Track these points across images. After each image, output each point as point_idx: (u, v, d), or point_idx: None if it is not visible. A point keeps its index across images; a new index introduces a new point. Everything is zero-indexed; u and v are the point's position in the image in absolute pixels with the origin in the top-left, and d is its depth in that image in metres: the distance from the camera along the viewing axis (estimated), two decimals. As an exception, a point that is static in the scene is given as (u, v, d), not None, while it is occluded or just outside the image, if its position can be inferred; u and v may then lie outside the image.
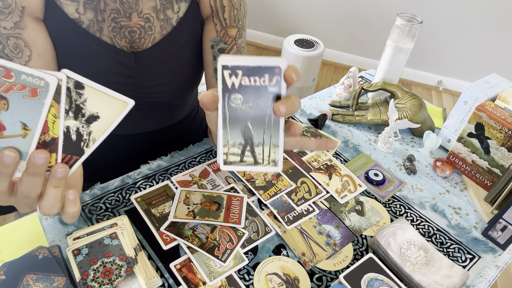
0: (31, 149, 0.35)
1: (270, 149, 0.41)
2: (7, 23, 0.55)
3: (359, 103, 0.93)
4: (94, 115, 0.37)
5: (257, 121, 0.39)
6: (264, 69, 0.37)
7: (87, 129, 0.37)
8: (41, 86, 0.33)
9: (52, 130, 0.35)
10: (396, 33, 0.89)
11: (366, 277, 0.55)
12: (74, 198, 0.39)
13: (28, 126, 0.34)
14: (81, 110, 0.36)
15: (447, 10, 2.41)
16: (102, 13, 0.59)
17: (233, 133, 0.40)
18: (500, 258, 0.64)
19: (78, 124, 0.37)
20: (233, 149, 0.41)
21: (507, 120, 0.70)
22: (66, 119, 0.36)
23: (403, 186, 0.75)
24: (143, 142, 0.80)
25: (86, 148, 0.38)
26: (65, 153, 0.37)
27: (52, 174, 0.36)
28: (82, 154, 0.38)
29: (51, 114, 0.35)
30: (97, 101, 0.36)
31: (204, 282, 0.54)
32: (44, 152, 0.35)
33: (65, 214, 0.39)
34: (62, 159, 0.37)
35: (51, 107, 0.34)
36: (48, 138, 0.36)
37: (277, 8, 2.80)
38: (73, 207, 0.39)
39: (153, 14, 0.62)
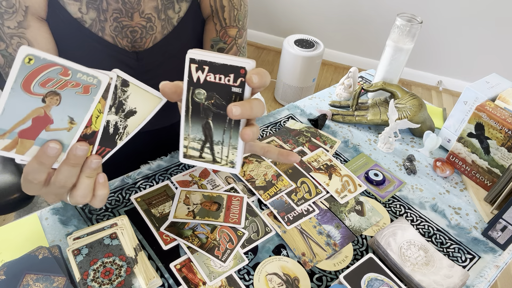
0: (72, 142, 0.37)
1: (229, 150, 0.41)
2: (11, 23, 0.55)
3: (359, 103, 0.94)
4: (132, 110, 0.39)
5: (218, 119, 0.39)
6: (230, 68, 0.37)
7: (124, 123, 0.39)
8: (94, 83, 0.35)
9: (94, 124, 0.37)
10: (396, 33, 0.89)
11: (366, 277, 0.55)
12: (104, 181, 0.40)
13: (75, 120, 0.36)
14: (122, 105, 0.38)
15: (447, 10, 2.41)
16: (104, 12, 0.59)
17: (194, 128, 0.40)
18: (500, 258, 0.64)
19: (117, 118, 0.39)
20: (193, 144, 0.41)
21: (507, 120, 0.70)
22: (108, 114, 0.38)
23: (403, 186, 0.75)
24: (143, 141, 0.80)
25: (119, 140, 0.40)
26: (100, 145, 0.39)
27: (87, 164, 0.38)
28: (114, 146, 0.40)
29: (96, 109, 0.36)
30: (137, 97, 0.38)
31: (204, 282, 0.54)
32: (85, 145, 0.36)
33: (95, 198, 0.40)
34: (97, 150, 0.39)
35: (98, 103, 0.36)
36: (89, 131, 0.37)
37: (277, 8, 2.80)
38: (103, 190, 0.40)
39: (155, 14, 0.62)
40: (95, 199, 0.41)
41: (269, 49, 2.94)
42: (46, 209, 0.62)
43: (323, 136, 0.84)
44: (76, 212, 0.62)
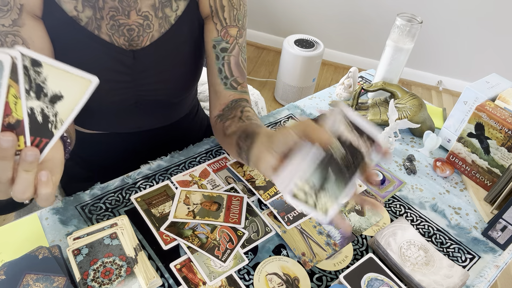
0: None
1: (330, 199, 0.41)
2: (5, 21, 0.55)
3: (359, 103, 0.93)
4: (57, 95, 0.36)
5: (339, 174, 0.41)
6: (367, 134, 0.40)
7: (52, 109, 0.36)
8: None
9: (15, 111, 0.34)
10: (396, 33, 0.89)
11: (366, 277, 0.55)
12: (47, 180, 0.38)
13: None
14: (42, 89, 0.35)
15: (447, 10, 2.41)
16: (100, 10, 0.59)
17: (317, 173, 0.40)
18: (500, 258, 0.64)
19: (41, 104, 0.35)
20: (305, 186, 0.41)
21: (507, 120, 0.70)
22: (29, 100, 0.35)
23: (403, 186, 0.75)
24: (143, 141, 0.80)
25: (54, 130, 0.37)
26: (34, 135, 0.36)
27: (22, 158, 0.36)
28: (51, 136, 0.37)
29: (11, 95, 0.33)
30: (58, 79, 0.35)
31: (204, 282, 0.54)
32: (10, 135, 0.34)
33: (38, 197, 0.38)
34: (32, 142, 0.36)
35: (10, 88, 0.33)
36: (13, 120, 0.35)
37: (277, 8, 2.80)
38: (45, 188, 0.38)
39: (152, 12, 0.62)
40: (39, 198, 0.39)
41: (269, 49, 2.94)
42: (46, 209, 0.62)
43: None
44: (76, 212, 0.62)
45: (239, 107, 0.66)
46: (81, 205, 0.63)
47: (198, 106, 0.93)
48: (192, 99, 0.86)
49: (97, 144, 0.78)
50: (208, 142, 0.79)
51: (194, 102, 0.89)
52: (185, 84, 0.74)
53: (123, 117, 0.74)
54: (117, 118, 0.74)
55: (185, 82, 0.74)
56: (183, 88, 0.75)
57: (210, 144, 0.79)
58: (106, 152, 0.80)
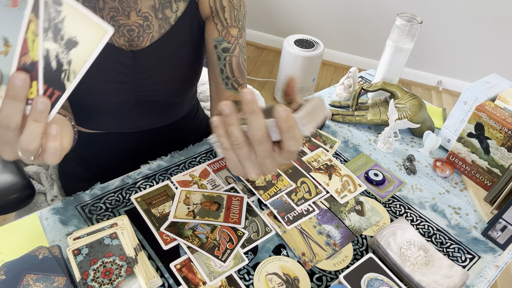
0: (12, 70, 0.34)
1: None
2: None
3: (359, 103, 0.94)
4: (72, 40, 0.35)
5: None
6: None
7: (66, 56, 0.36)
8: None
9: (32, 51, 0.34)
10: (396, 33, 0.89)
11: (366, 277, 0.55)
12: (56, 133, 0.37)
13: (9, 41, 0.33)
14: (60, 31, 0.35)
15: (447, 10, 2.41)
16: (101, 11, 0.59)
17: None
18: (500, 258, 0.64)
19: (57, 48, 0.35)
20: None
21: (507, 120, 0.70)
22: (45, 40, 0.34)
23: (403, 186, 0.75)
24: (143, 140, 0.80)
25: (67, 81, 0.36)
26: (47, 84, 0.36)
27: (33, 106, 0.35)
28: (64, 89, 0.37)
29: (30, 30, 0.33)
30: (75, 22, 0.35)
31: (204, 282, 0.54)
32: (23, 74, 0.34)
33: (46, 150, 0.38)
34: (45, 92, 0.36)
35: (30, 22, 0.33)
36: (28, 61, 0.34)
37: (277, 8, 2.80)
38: (54, 142, 0.37)
39: (152, 13, 0.62)
40: (46, 152, 0.38)
41: (269, 49, 2.94)
42: (46, 209, 0.62)
43: (323, 136, 0.84)
44: (76, 212, 0.62)
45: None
46: (81, 205, 0.63)
47: (198, 106, 0.93)
48: (191, 99, 0.86)
49: (97, 144, 0.78)
50: (208, 142, 0.79)
51: (194, 102, 0.89)
52: (185, 84, 0.74)
53: (123, 117, 0.74)
54: (117, 118, 0.74)
55: (185, 83, 0.74)
56: (183, 89, 0.75)
57: (210, 144, 0.79)
58: (106, 152, 0.80)
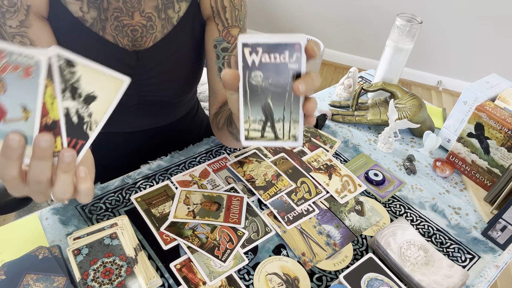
0: (35, 133, 0.35)
1: (291, 125, 0.41)
2: (13, 22, 0.55)
3: (359, 103, 0.94)
4: (90, 95, 0.37)
5: (277, 97, 0.40)
6: (284, 46, 0.37)
7: (86, 110, 0.37)
8: (32, 65, 0.33)
9: (52, 112, 0.36)
10: (396, 33, 0.89)
11: (366, 277, 0.55)
12: (85, 175, 0.39)
13: (28, 108, 0.35)
14: (76, 90, 0.36)
15: (447, 10, 2.41)
16: (105, 11, 0.59)
17: (254, 110, 0.40)
18: (500, 258, 0.64)
19: (76, 105, 0.37)
20: (254, 125, 0.41)
21: (507, 120, 0.70)
22: (64, 100, 0.36)
23: (403, 186, 0.75)
24: (143, 140, 0.80)
25: (89, 131, 0.38)
26: (70, 136, 0.37)
27: (60, 159, 0.37)
28: (87, 138, 0.38)
29: (48, 95, 0.35)
30: (91, 79, 0.36)
31: (204, 282, 0.54)
32: (47, 135, 0.35)
33: (79, 193, 0.40)
34: (68, 143, 0.38)
35: (47, 88, 0.34)
36: (50, 121, 0.36)
37: (277, 8, 2.80)
38: (85, 184, 0.39)
39: (155, 13, 0.62)
40: (79, 194, 0.40)
41: (269, 49, 2.94)
42: (46, 209, 0.62)
43: (323, 136, 0.84)
44: (76, 212, 0.62)
45: None
46: (81, 205, 0.63)
47: (198, 106, 0.93)
48: (192, 99, 0.86)
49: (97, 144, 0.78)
50: (208, 142, 0.79)
51: (194, 102, 0.89)
52: (187, 84, 0.74)
53: (123, 117, 0.74)
54: (118, 118, 0.74)
55: (187, 83, 0.74)
56: (185, 88, 0.75)
57: (210, 144, 0.79)
58: (106, 151, 0.80)
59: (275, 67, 0.38)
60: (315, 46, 0.37)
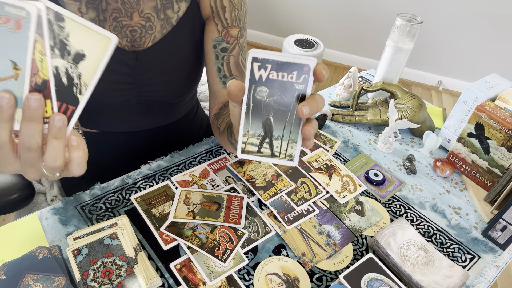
0: (24, 93, 0.35)
1: (288, 144, 0.41)
2: None
3: (359, 103, 0.93)
4: (79, 53, 0.36)
5: (279, 115, 0.40)
6: (293, 66, 0.38)
7: (76, 70, 0.36)
8: (23, 16, 0.32)
9: (41, 70, 0.35)
10: (396, 33, 0.89)
11: (366, 277, 0.55)
12: (77, 143, 0.39)
13: (18, 65, 0.34)
14: (66, 46, 0.35)
15: (447, 10, 2.41)
16: (104, 12, 0.59)
17: (254, 124, 0.41)
18: (500, 258, 0.64)
19: (65, 64, 0.36)
20: (252, 139, 0.41)
21: (507, 120, 0.70)
22: (53, 58, 0.35)
23: (403, 186, 0.75)
24: (143, 140, 0.80)
25: (79, 95, 0.37)
26: (60, 100, 0.37)
27: (50, 124, 0.36)
28: (77, 103, 0.37)
29: (37, 51, 0.34)
30: (80, 36, 0.35)
31: (204, 282, 0.54)
32: (37, 94, 0.35)
33: (71, 162, 0.39)
34: (59, 108, 0.37)
35: (36, 43, 0.34)
36: (40, 80, 0.35)
37: (277, 8, 2.80)
38: (77, 151, 0.39)
39: (154, 13, 0.62)
40: (71, 164, 0.39)
41: (269, 49, 2.94)
42: (46, 209, 0.62)
43: (323, 136, 0.84)
44: (76, 212, 0.62)
45: None
46: (81, 205, 0.63)
47: (198, 106, 0.93)
48: (192, 99, 0.86)
49: (98, 144, 0.78)
50: (208, 142, 0.79)
51: (194, 102, 0.89)
52: (187, 84, 0.74)
53: (123, 117, 0.74)
54: (118, 118, 0.74)
55: (186, 83, 0.74)
56: (184, 88, 0.75)
57: (210, 144, 0.79)
58: (106, 151, 0.80)
59: (281, 85, 0.39)
60: (324, 70, 0.37)
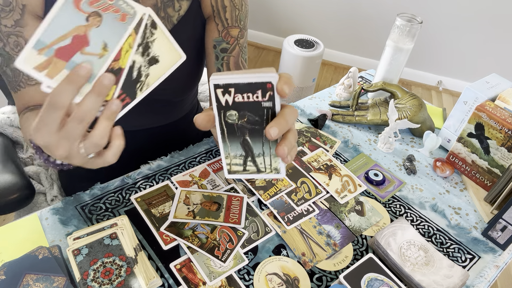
0: (101, 71, 0.38)
1: (271, 159, 0.42)
2: (8, 21, 0.55)
3: (359, 103, 0.94)
4: (155, 58, 0.40)
5: (255, 134, 0.40)
6: (255, 85, 0.37)
7: (147, 70, 0.40)
8: (130, 13, 0.37)
9: (122, 59, 0.38)
10: (396, 33, 0.89)
11: (366, 277, 0.55)
12: (121, 133, 0.41)
13: (108, 47, 0.37)
14: (148, 48, 0.39)
15: (447, 10, 2.41)
16: None
17: (233, 146, 0.41)
18: (500, 258, 0.64)
19: (142, 61, 0.40)
20: (235, 160, 0.42)
21: (507, 120, 0.70)
22: (136, 53, 0.39)
23: (403, 186, 0.75)
24: (143, 139, 0.80)
25: (139, 91, 0.41)
26: (123, 90, 0.40)
27: (108, 106, 0.38)
28: (134, 97, 0.41)
29: (127, 43, 0.38)
30: (162, 45, 0.40)
31: (204, 282, 0.54)
32: (112, 75, 0.37)
33: (110, 148, 0.41)
34: (118, 96, 0.40)
35: (129, 36, 0.38)
36: (117, 66, 0.38)
37: (277, 8, 2.80)
38: (119, 140, 0.41)
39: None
40: (110, 150, 0.41)
41: (269, 49, 2.94)
42: (46, 209, 0.62)
43: (323, 136, 0.84)
44: (76, 212, 0.62)
45: None
46: (81, 205, 0.63)
47: (198, 106, 0.93)
48: (192, 99, 0.86)
49: None
50: (208, 142, 0.79)
51: (194, 102, 0.89)
52: (187, 83, 0.74)
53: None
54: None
55: (187, 82, 0.74)
56: (185, 88, 0.75)
57: (210, 144, 0.79)
58: (106, 151, 0.80)
59: (249, 106, 0.38)
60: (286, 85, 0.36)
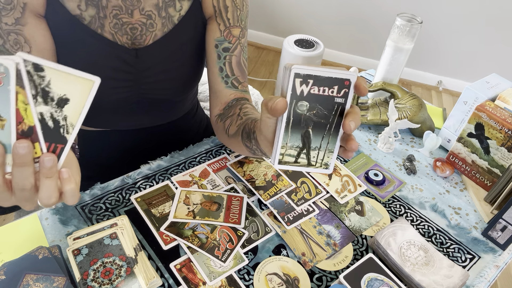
0: (12, 140, 0.36)
1: (325, 154, 0.42)
2: (8, 19, 0.55)
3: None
4: (63, 98, 0.37)
5: (318, 127, 0.41)
6: (335, 80, 0.38)
7: (61, 114, 0.37)
8: (2, 72, 0.33)
9: (26, 118, 0.36)
10: (396, 33, 0.89)
11: (366, 277, 0.55)
12: (68, 176, 0.39)
13: (2, 116, 0.35)
14: (48, 93, 0.36)
15: (447, 10, 2.41)
16: (104, 9, 0.59)
17: (293, 137, 0.41)
18: (500, 258, 0.64)
19: (50, 109, 0.37)
20: (290, 151, 0.42)
21: (507, 120, 0.70)
22: (37, 105, 0.36)
23: (403, 186, 0.75)
24: (143, 138, 0.80)
25: (67, 134, 0.38)
26: (49, 141, 0.37)
27: (41, 164, 0.37)
28: (65, 141, 0.38)
29: (20, 101, 0.35)
30: (61, 82, 0.36)
31: (204, 282, 0.54)
32: (25, 141, 0.35)
33: (64, 194, 0.39)
34: (48, 148, 0.38)
35: (18, 94, 0.35)
36: (25, 127, 0.36)
37: (277, 8, 2.80)
38: (69, 184, 0.39)
39: (155, 11, 0.62)
40: (65, 196, 0.40)
41: (269, 49, 2.94)
42: (46, 209, 0.62)
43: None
44: (76, 212, 0.62)
45: (238, 105, 0.66)
46: (81, 205, 0.63)
47: (198, 106, 0.93)
48: (192, 98, 0.86)
49: (97, 142, 0.78)
50: (208, 142, 0.79)
51: (194, 101, 0.89)
52: (187, 83, 0.74)
53: (123, 115, 0.74)
54: (118, 116, 0.74)
55: (187, 81, 0.74)
56: (185, 87, 0.75)
57: (210, 144, 0.79)
58: (106, 150, 0.80)
59: (322, 99, 0.39)
60: (363, 82, 0.38)
